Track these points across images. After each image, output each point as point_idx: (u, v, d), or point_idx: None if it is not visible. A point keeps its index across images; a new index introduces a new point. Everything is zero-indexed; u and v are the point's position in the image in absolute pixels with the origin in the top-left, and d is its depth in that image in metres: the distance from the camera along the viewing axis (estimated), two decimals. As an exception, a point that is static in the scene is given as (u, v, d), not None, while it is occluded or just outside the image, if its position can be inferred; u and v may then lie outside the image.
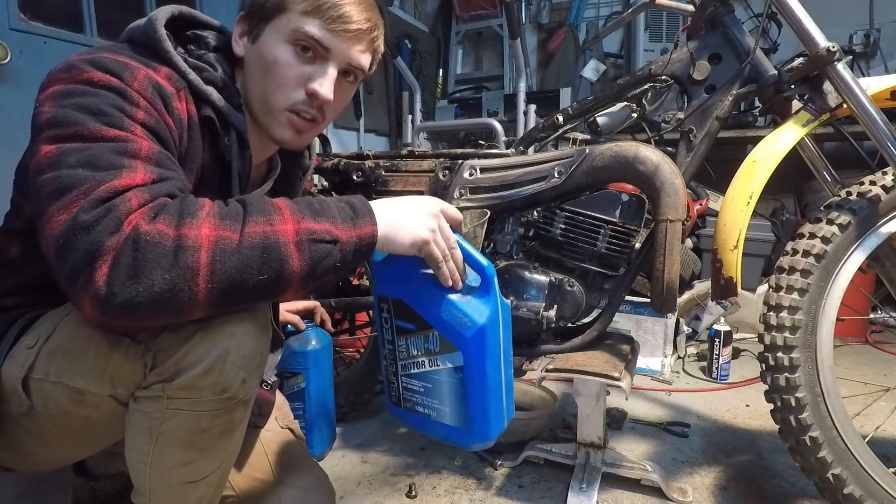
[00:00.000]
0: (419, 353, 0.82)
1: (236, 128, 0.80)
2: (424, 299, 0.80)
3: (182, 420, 0.69)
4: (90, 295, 0.58)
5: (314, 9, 0.77)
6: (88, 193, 0.60)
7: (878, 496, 1.00)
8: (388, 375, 0.89)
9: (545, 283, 1.16)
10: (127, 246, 0.58)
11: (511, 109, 3.17)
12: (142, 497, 0.75)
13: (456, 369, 0.80)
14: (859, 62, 3.03)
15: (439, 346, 0.80)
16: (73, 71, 0.67)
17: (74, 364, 0.70)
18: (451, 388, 0.82)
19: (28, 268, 0.78)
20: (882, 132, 1.01)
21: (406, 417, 0.89)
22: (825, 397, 1.02)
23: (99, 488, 1.11)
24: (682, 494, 1.24)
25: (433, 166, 1.23)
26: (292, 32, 0.78)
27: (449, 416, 0.84)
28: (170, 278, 0.59)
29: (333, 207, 0.70)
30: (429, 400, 0.85)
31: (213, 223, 0.62)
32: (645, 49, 3.37)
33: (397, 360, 0.86)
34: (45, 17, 1.78)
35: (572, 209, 1.15)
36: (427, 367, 0.82)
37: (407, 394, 0.87)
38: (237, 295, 0.63)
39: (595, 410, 1.24)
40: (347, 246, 0.69)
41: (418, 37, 3.81)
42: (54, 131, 0.64)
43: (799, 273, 1.03)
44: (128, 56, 0.72)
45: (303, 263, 0.65)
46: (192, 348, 0.67)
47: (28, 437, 0.76)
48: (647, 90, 1.22)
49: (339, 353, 1.94)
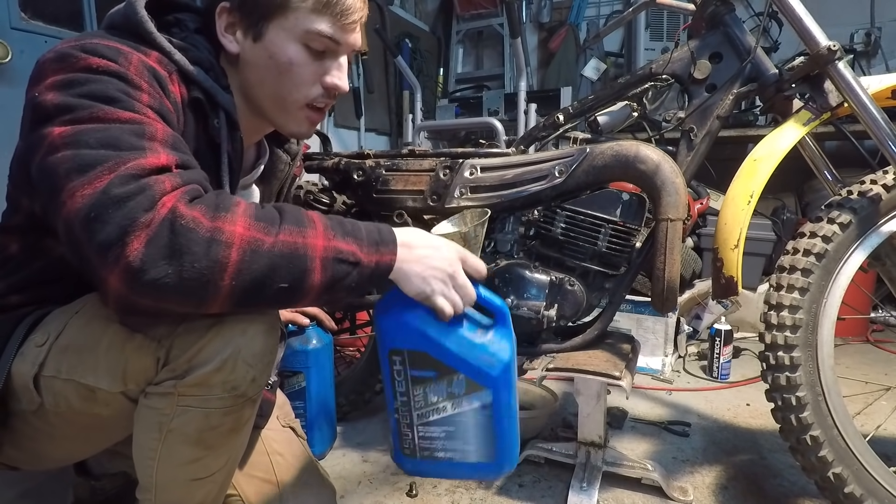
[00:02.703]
0: (440, 398, 0.81)
1: (225, 109, 0.80)
2: (448, 346, 0.79)
3: (192, 417, 0.69)
4: (121, 268, 0.58)
5: (324, 6, 0.78)
6: (114, 170, 0.60)
7: (878, 495, 1.00)
8: (399, 429, 0.84)
9: (546, 282, 1.16)
10: (164, 226, 0.59)
11: (512, 108, 3.17)
12: (147, 493, 0.75)
13: (483, 407, 0.81)
14: (860, 61, 3.02)
15: (465, 388, 0.80)
16: (70, 59, 0.67)
17: (86, 360, 0.70)
18: (478, 426, 0.82)
19: (29, 264, 0.77)
20: (883, 131, 1.01)
21: (423, 467, 0.87)
22: (826, 396, 1.02)
23: (99, 487, 1.11)
24: (682, 493, 1.24)
25: (434, 165, 1.23)
26: (305, 33, 0.79)
27: (475, 453, 0.84)
28: (199, 268, 0.59)
29: (363, 230, 0.71)
30: (451, 443, 0.84)
31: (248, 223, 0.63)
32: (646, 48, 3.37)
33: (412, 410, 0.83)
34: (46, 17, 1.78)
35: (573, 208, 1.15)
36: (449, 410, 0.82)
37: (424, 443, 0.84)
38: (255, 297, 0.64)
39: (596, 409, 1.24)
40: (365, 270, 0.70)
41: (419, 36, 3.81)
42: (67, 115, 0.64)
43: (800, 272, 1.03)
44: (116, 41, 0.71)
45: (323, 279, 0.66)
46: (205, 345, 0.68)
47: (36, 435, 0.76)
48: (647, 89, 1.22)
49: (340, 352, 1.94)
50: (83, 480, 1.09)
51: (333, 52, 0.83)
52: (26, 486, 1.24)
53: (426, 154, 1.27)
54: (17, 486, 1.24)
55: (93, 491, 1.11)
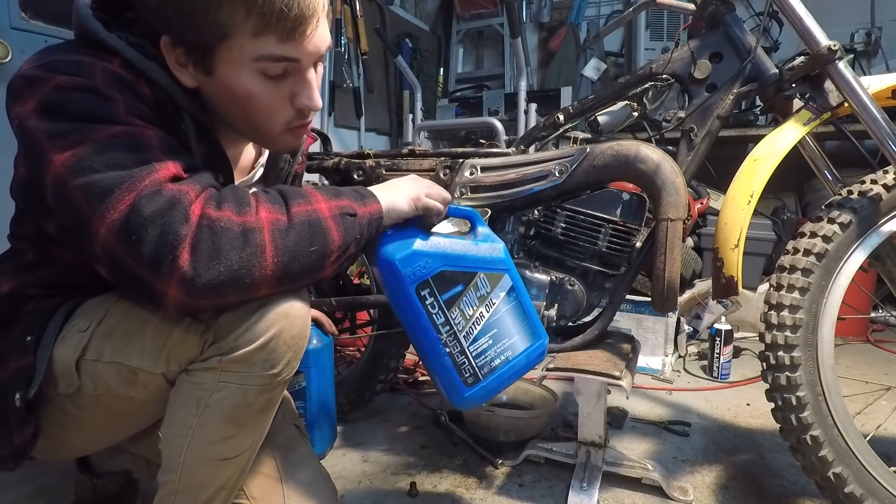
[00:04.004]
0: (475, 307, 0.86)
1: (186, 109, 0.76)
2: (462, 253, 0.86)
3: (230, 393, 0.73)
4: (177, 279, 0.63)
5: (265, 26, 0.69)
6: (133, 189, 0.63)
7: (878, 495, 1.00)
8: (455, 362, 0.85)
9: (546, 281, 1.16)
10: (203, 232, 0.64)
11: (512, 108, 3.17)
12: (171, 475, 0.77)
13: (508, 293, 0.89)
14: (860, 61, 3.02)
15: (489, 284, 0.87)
16: (38, 82, 0.67)
17: (132, 343, 0.74)
18: (513, 314, 0.90)
19: (45, 267, 0.80)
20: (883, 131, 1.01)
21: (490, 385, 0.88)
22: (826, 396, 1.02)
23: (101, 486, 1.12)
24: (682, 493, 1.24)
25: (434, 165, 1.23)
26: (254, 62, 0.71)
27: (521, 340, 0.90)
28: (245, 256, 0.65)
29: (346, 192, 0.79)
30: (500, 344, 0.88)
31: (267, 207, 0.69)
32: (646, 48, 3.37)
33: (458, 334, 0.85)
34: (46, 16, 1.78)
35: (573, 208, 1.15)
36: (486, 313, 0.87)
37: (480, 360, 0.86)
38: (296, 269, 0.70)
39: (596, 409, 1.24)
40: (363, 220, 0.77)
41: (419, 36, 3.81)
42: (60, 142, 0.65)
43: (800, 272, 1.03)
44: (75, 53, 0.70)
45: (340, 234, 0.73)
46: (251, 325, 0.72)
47: (66, 421, 0.78)
48: (647, 89, 1.23)
49: (340, 352, 1.94)
50: (85, 478, 1.10)
51: (295, 70, 0.75)
52: (27, 485, 1.25)
53: (426, 154, 1.28)
54: (19, 486, 1.24)
55: (94, 489, 1.11)
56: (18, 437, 0.74)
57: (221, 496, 0.80)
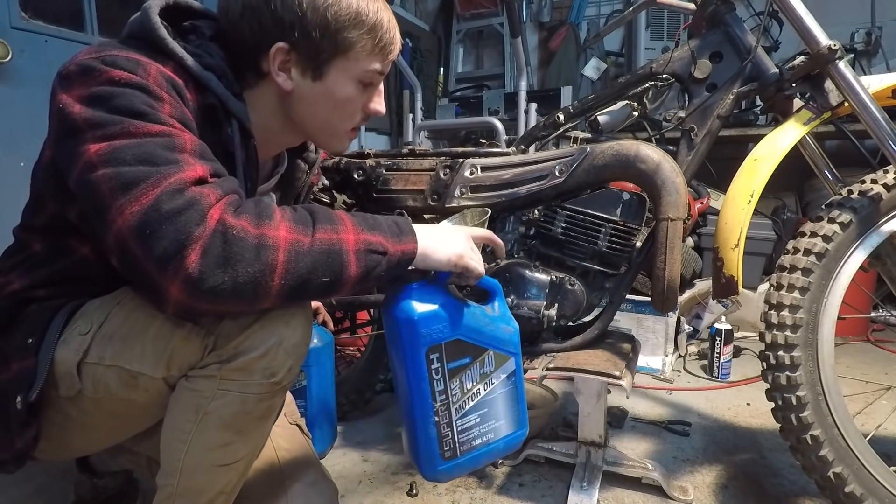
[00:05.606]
0: (475, 383, 0.84)
1: (237, 117, 0.80)
2: (480, 328, 0.84)
3: (230, 401, 0.73)
4: (181, 279, 0.62)
5: (379, 49, 0.85)
6: (158, 186, 0.64)
7: (878, 494, 1.00)
8: (439, 433, 0.83)
9: (546, 281, 1.16)
10: (216, 237, 0.63)
11: (512, 108, 3.17)
12: (170, 478, 0.77)
13: (509, 376, 0.87)
14: (861, 60, 3.02)
15: (494, 364, 0.85)
16: (93, 72, 0.68)
17: (132, 347, 0.74)
18: (505, 398, 0.87)
19: (52, 262, 0.80)
20: (883, 130, 1.01)
21: (463, 464, 0.86)
22: (826, 396, 1.02)
23: (102, 486, 1.12)
24: (682, 493, 1.24)
25: (434, 165, 1.23)
26: (363, 73, 0.85)
27: (506, 425, 0.88)
28: (252, 272, 0.65)
29: (383, 223, 0.77)
30: (485, 425, 0.86)
31: (289, 227, 0.68)
32: (646, 47, 3.36)
33: (451, 406, 0.83)
34: (47, 16, 1.78)
35: (573, 208, 1.15)
36: (482, 392, 0.85)
37: (463, 436, 0.85)
38: (302, 292, 0.69)
39: (596, 409, 1.24)
40: (392, 258, 0.75)
41: (419, 35, 3.81)
42: (99, 131, 0.66)
43: (800, 271, 1.03)
44: (134, 52, 0.72)
45: (358, 270, 0.72)
46: (252, 334, 0.72)
47: (67, 423, 0.78)
48: (648, 89, 1.22)
49: (340, 351, 1.94)
50: (86, 478, 1.10)
51: (378, 81, 0.89)
52: (27, 484, 1.25)
53: (426, 153, 1.28)
54: (19, 485, 1.24)
55: (95, 489, 1.12)
56: (20, 440, 0.74)
57: (220, 500, 0.80)
